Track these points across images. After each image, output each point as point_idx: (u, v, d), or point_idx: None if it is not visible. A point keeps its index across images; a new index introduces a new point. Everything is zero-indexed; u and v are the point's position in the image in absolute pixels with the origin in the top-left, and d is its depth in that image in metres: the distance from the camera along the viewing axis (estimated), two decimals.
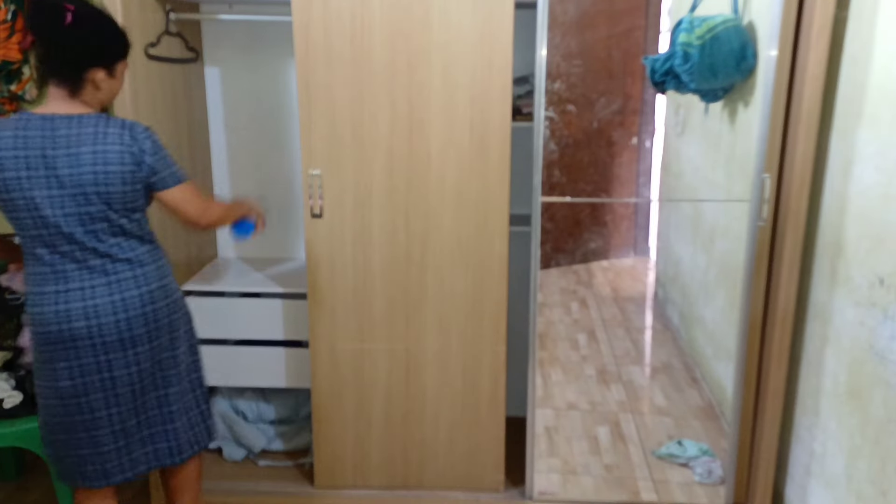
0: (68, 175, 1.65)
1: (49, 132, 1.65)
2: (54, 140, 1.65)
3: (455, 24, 2.12)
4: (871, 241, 1.83)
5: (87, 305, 1.72)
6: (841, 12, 1.97)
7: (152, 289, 1.80)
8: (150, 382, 1.83)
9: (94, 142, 1.66)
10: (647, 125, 3.00)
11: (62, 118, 1.67)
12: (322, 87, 2.17)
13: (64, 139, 1.65)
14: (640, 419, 2.75)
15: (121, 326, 1.75)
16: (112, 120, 1.71)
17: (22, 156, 1.64)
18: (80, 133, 1.66)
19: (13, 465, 2.61)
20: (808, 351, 2.16)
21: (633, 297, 3.30)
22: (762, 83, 2.10)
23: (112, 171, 1.67)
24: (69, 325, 1.71)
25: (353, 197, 2.25)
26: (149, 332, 1.79)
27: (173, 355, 1.87)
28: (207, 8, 2.57)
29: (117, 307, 1.74)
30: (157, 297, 1.80)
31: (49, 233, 1.68)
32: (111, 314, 1.74)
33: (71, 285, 1.72)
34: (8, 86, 2.60)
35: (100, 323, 1.73)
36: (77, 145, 1.65)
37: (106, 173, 1.67)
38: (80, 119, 1.68)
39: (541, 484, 2.43)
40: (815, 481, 2.11)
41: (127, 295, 1.76)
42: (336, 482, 2.47)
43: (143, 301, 1.78)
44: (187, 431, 1.93)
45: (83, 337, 1.72)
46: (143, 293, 1.78)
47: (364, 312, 2.33)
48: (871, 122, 1.84)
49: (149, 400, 1.84)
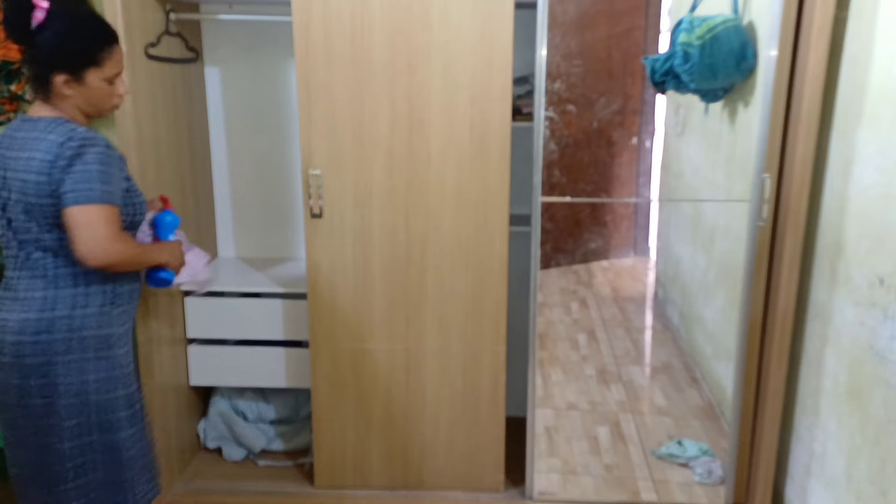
0: (13, 178, 1.58)
1: (22, 133, 1.60)
2: (13, 141, 1.60)
3: (455, 24, 2.12)
4: (871, 241, 1.83)
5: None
6: (841, 12, 1.97)
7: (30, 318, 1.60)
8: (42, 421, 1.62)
9: (30, 147, 1.57)
10: (647, 125, 3.00)
11: (28, 121, 1.61)
12: (322, 87, 2.17)
13: (19, 142, 1.59)
14: (640, 419, 2.75)
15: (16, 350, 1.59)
16: (63, 127, 1.57)
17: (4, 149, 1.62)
18: (26, 137, 1.58)
19: None
20: (808, 351, 2.16)
21: (633, 297, 3.30)
22: (762, 83, 2.10)
23: (30, 179, 1.56)
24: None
25: (353, 197, 2.25)
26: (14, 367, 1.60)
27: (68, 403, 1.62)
28: (207, 8, 2.57)
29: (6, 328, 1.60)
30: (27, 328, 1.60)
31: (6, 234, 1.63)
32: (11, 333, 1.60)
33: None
34: (8, 86, 2.60)
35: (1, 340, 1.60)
36: (20, 149, 1.58)
37: (24, 181, 1.56)
38: (35, 123, 1.60)
39: (541, 484, 2.43)
40: (815, 481, 2.11)
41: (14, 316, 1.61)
42: (336, 482, 2.47)
43: (10, 329, 1.60)
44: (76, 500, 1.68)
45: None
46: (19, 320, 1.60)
47: (364, 312, 2.33)
48: (871, 122, 1.84)
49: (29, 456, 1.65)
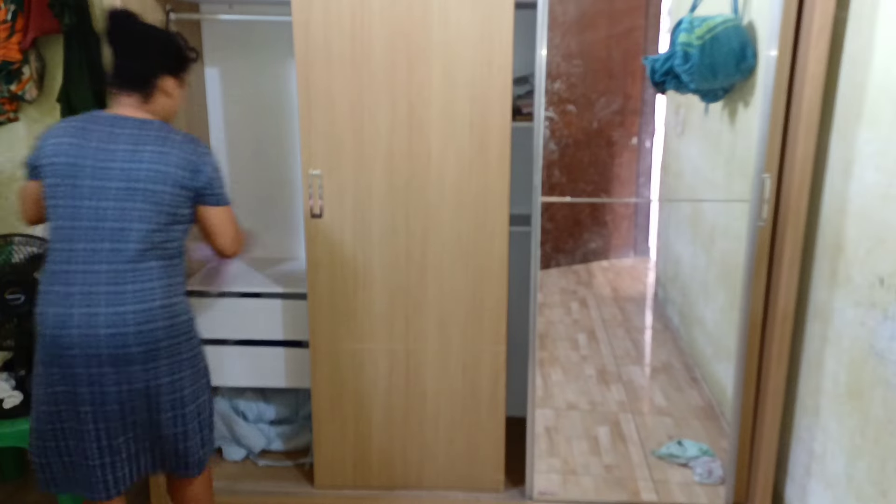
0: (121, 168, 1.69)
1: (111, 127, 1.73)
2: (115, 135, 1.72)
3: (455, 24, 2.12)
4: (871, 241, 1.83)
5: (84, 313, 1.68)
6: (841, 12, 1.97)
7: (154, 307, 1.72)
8: (143, 404, 1.75)
9: (159, 143, 1.73)
10: (647, 125, 3.00)
11: (128, 118, 1.76)
12: (322, 87, 2.17)
13: (127, 136, 1.72)
14: (640, 419, 2.75)
15: (114, 342, 1.68)
16: (180, 132, 1.79)
17: (76, 143, 1.70)
18: (145, 133, 1.74)
19: (13, 465, 2.61)
20: (808, 351, 2.16)
21: (633, 297, 3.30)
22: (762, 83, 2.10)
23: (169, 171, 1.71)
24: (64, 332, 1.67)
25: (353, 197, 2.25)
26: (144, 353, 1.71)
27: (172, 380, 1.78)
28: (207, 8, 2.57)
29: (113, 320, 1.68)
30: (157, 315, 1.73)
31: (81, 225, 1.68)
32: (105, 326, 1.68)
33: (74, 289, 1.68)
34: (8, 86, 2.60)
35: (95, 334, 1.67)
36: (139, 143, 1.72)
37: (162, 173, 1.71)
38: (144, 122, 1.76)
39: (541, 484, 2.43)
40: (815, 481, 2.11)
41: (128, 309, 1.69)
42: (336, 482, 2.47)
43: (139, 319, 1.70)
44: (196, 453, 1.86)
45: (75, 345, 1.67)
46: (143, 310, 1.71)
47: (364, 312, 2.33)
48: (871, 122, 1.84)
49: (162, 416, 1.78)
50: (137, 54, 1.78)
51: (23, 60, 2.58)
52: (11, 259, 2.24)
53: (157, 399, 1.77)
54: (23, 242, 2.26)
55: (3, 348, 2.31)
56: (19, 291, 2.20)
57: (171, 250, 1.77)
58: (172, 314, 1.76)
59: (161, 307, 1.73)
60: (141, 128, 1.75)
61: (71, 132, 1.73)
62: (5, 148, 2.76)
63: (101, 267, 1.69)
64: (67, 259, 1.69)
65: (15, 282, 2.20)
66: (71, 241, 1.69)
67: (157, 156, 1.71)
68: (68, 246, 1.69)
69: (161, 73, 1.80)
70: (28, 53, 2.59)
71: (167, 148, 1.73)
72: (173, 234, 1.76)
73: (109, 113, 1.77)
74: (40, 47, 2.65)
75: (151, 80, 1.78)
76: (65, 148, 1.71)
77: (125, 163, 1.70)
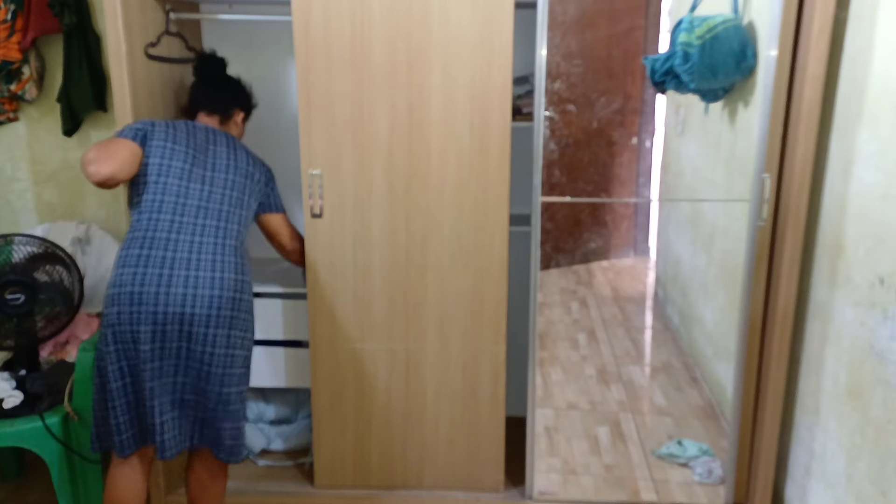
0: (226, 164, 2.06)
1: (211, 134, 2.12)
2: (215, 137, 2.11)
3: (455, 24, 2.12)
4: (871, 241, 1.83)
5: (188, 276, 1.89)
6: (841, 12, 1.97)
7: (245, 280, 1.99)
8: (218, 370, 1.92)
9: (244, 150, 2.15)
10: (647, 125, 3.00)
11: (215, 129, 2.16)
12: (322, 87, 2.17)
13: (223, 139, 2.12)
14: (640, 419, 2.75)
15: (214, 302, 1.90)
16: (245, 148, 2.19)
17: (192, 140, 2.04)
18: (234, 141, 2.15)
19: (13, 465, 2.61)
20: (808, 351, 2.16)
21: (633, 297, 3.30)
22: (762, 83, 2.10)
23: (258, 174, 2.14)
24: (168, 290, 1.87)
25: (353, 197, 2.25)
26: (231, 318, 1.93)
27: (241, 354, 1.98)
28: (207, 8, 2.57)
29: (216, 283, 1.91)
30: (245, 288, 1.99)
31: (191, 203, 1.96)
32: (209, 287, 1.90)
33: (178, 254, 1.90)
34: (8, 86, 2.60)
35: (196, 294, 1.88)
36: (234, 147, 2.12)
37: (253, 174, 2.12)
38: (225, 134, 2.16)
39: (541, 484, 2.44)
40: (815, 481, 2.11)
41: (227, 276, 1.93)
42: (336, 482, 2.47)
43: (237, 287, 1.95)
44: (230, 439, 1.98)
45: (178, 304, 1.86)
46: (239, 280, 1.96)
47: (364, 312, 2.33)
48: (871, 122, 1.84)
49: (211, 388, 1.93)
50: (225, 88, 2.25)
51: (23, 60, 2.58)
52: (11, 259, 2.24)
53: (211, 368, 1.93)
54: (23, 242, 2.26)
55: (3, 348, 2.31)
56: (19, 291, 2.20)
57: (245, 235, 2.08)
58: (251, 291, 2.03)
59: (244, 281, 1.99)
60: (229, 137, 2.15)
61: (179, 127, 2.06)
62: (5, 148, 2.76)
63: (208, 239, 1.95)
64: (171, 228, 1.93)
65: (15, 282, 2.20)
66: (179, 216, 1.95)
67: (247, 158, 2.12)
68: (177, 219, 1.94)
69: (237, 107, 2.25)
70: (28, 53, 2.59)
71: (251, 156, 2.15)
72: (249, 222, 2.11)
73: (201, 123, 2.15)
74: (40, 47, 2.65)
75: (231, 109, 2.23)
76: (180, 138, 2.02)
77: (228, 160, 2.07)
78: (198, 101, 2.21)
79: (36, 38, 2.58)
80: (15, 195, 2.81)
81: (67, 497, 2.21)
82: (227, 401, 1.95)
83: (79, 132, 2.69)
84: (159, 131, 2.01)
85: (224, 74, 2.28)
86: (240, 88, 2.29)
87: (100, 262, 2.63)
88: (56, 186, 2.78)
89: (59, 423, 2.16)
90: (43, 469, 2.60)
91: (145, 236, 1.92)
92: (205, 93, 2.22)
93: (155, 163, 1.96)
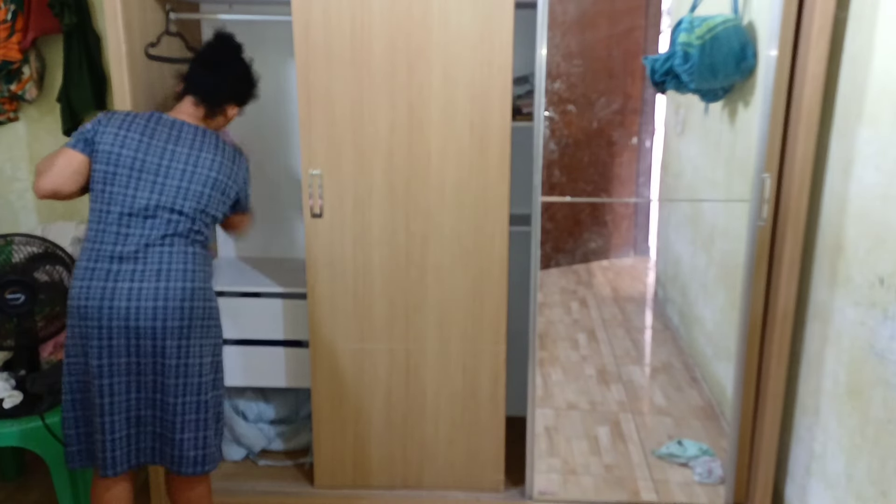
0: (182, 170, 1.89)
1: (176, 131, 1.93)
2: (178, 138, 1.93)
3: (455, 24, 2.12)
4: (871, 241, 1.83)
5: (132, 287, 1.82)
6: (841, 12, 1.97)
7: (195, 287, 1.88)
8: (172, 381, 1.86)
9: (214, 151, 1.95)
10: (647, 125, 3.00)
11: (189, 125, 1.97)
12: (322, 87, 2.17)
13: (188, 141, 1.93)
14: (640, 419, 2.75)
15: (158, 314, 1.82)
16: (222, 140, 2.01)
17: (146, 141, 1.89)
18: (203, 140, 1.95)
19: (13, 465, 2.61)
20: (808, 351, 2.16)
21: (633, 297, 3.30)
22: (762, 83, 2.10)
23: (221, 179, 1.95)
24: (111, 304, 1.81)
25: (353, 197, 2.25)
26: (181, 328, 1.84)
27: (197, 363, 1.89)
28: (207, 8, 2.57)
29: (160, 294, 1.83)
30: (197, 296, 1.88)
31: (137, 213, 1.85)
32: (152, 299, 1.82)
33: (124, 266, 1.83)
34: (8, 86, 2.60)
35: (139, 306, 1.81)
36: (199, 149, 1.93)
37: (216, 180, 1.94)
38: (202, 130, 1.98)
39: (541, 484, 2.44)
40: (815, 481, 2.11)
41: (172, 285, 1.84)
42: (336, 482, 2.47)
43: (185, 296, 1.86)
44: (192, 449, 1.90)
45: (121, 318, 1.81)
46: (187, 288, 1.86)
47: (364, 312, 2.33)
48: (871, 122, 1.84)
49: (167, 399, 1.87)
50: (225, 79, 2.01)
51: (23, 60, 2.58)
52: (11, 259, 2.24)
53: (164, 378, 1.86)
54: (23, 242, 2.26)
55: (3, 348, 2.31)
56: (19, 291, 2.20)
57: (207, 241, 1.97)
58: (207, 297, 1.93)
59: (201, 288, 1.90)
60: (200, 136, 1.96)
61: (136, 127, 1.90)
62: (5, 148, 2.76)
63: (154, 249, 1.86)
64: (116, 241, 1.85)
65: (15, 282, 2.19)
66: (125, 227, 1.85)
67: (210, 163, 1.93)
68: (123, 230, 1.85)
69: (233, 101, 2.05)
70: (28, 53, 2.59)
71: (221, 157, 1.96)
72: (211, 229, 1.99)
73: (171, 116, 1.96)
74: (40, 47, 2.65)
75: (223, 104, 2.03)
76: (130, 141, 1.87)
77: (186, 165, 1.90)
78: (190, 86, 2.01)
79: (36, 38, 2.58)
80: (15, 195, 2.81)
81: (67, 497, 2.20)
82: (185, 411, 1.87)
83: None
84: (109, 132, 1.87)
85: (230, 64, 2.04)
86: (244, 81, 2.07)
87: None
88: None
89: (59, 423, 2.16)
90: (43, 469, 2.60)
91: (93, 248, 1.86)
92: (201, 80, 2.00)
93: (100, 170, 1.86)
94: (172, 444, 1.89)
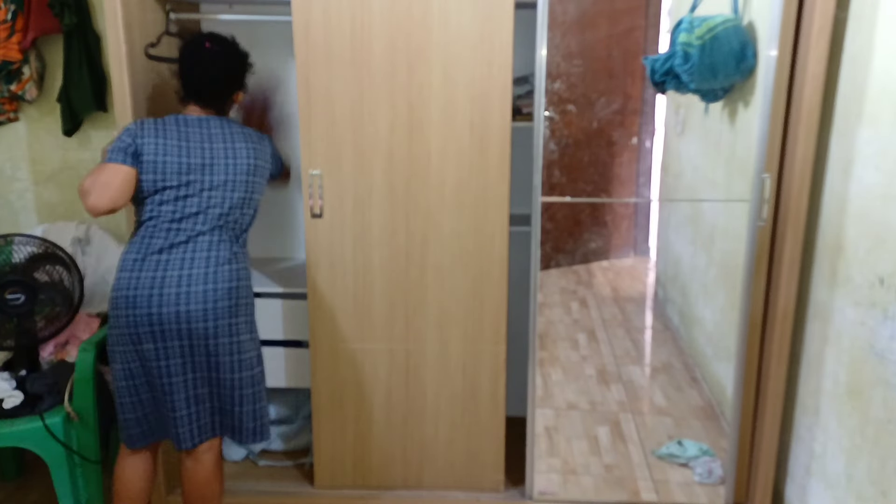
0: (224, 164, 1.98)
1: (206, 129, 2.01)
2: (210, 135, 2.00)
3: (455, 24, 2.12)
4: (871, 241, 1.83)
5: (181, 275, 1.92)
6: (841, 12, 1.97)
7: (240, 268, 2.01)
8: (227, 358, 1.96)
9: (244, 139, 2.04)
10: (647, 125, 3.00)
11: (213, 119, 2.04)
12: (322, 87, 2.17)
13: (219, 135, 2.01)
14: (640, 419, 2.75)
15: (209, 296, 1.92)
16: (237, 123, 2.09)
17: (184, 145, 1.96)
18: (231, 131, 2.03)
19: (13, 465, 2.61)
20: (808, 351, 2.16)
21: (633, 297, 3.30)
22: (762, 83, 2.10)
23: (259, 164, 2.06)
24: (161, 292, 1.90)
25: (353, 197, 2.25)
26: (230, 307, 1.95)
27: (248, 338, 2.02)
28: (207, 8, 2.57)
29: (209, 277, 1.93)
30: (242, 275, 2.01)
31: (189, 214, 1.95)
32: (202, 283, 1.92)
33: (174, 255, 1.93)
34: (8, 86, 2.60)
35: (189, 290, 1.91)
36: (232, 140, 2.02)
37: (256, 166, 2.04)
38: (225, 121, 2.05)
39: (541, 484, 2.44)
40: (815, 481, 2.11)
41: (221, 269, 1.96)
42: (336, 482, 2.47)
43: (233, 276, 1.97)
44: (251, 421, 2.03)
45: (172, 304, 1.90)
46: (233, 269, 1.98)
47: (364, 312, 2.33)
48: (871, 122, 1.84)
49: (223, 376, 1.97)
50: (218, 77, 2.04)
51: (23, 60, 2.58)
52: (11, 259, 2.24)
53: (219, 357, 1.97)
54: (23, 242, 2.26)
55: (4, 348, 2.31)
56: (19, 291, 2.20)
57: (249, 226, 2.09)
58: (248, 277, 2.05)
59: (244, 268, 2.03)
60: (227, 127, 2.04)
61: (171, 133, 1.97)
62: (5, 148, 2.76)
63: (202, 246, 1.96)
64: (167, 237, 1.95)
65: (15, 282, 2.19)
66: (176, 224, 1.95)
67: (246, 151, 2.03)
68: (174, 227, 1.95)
69: (235, 89, 2.10)
70: (28, 53, 2.59)
71: (254, 144, 2.06)
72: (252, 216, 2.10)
73: (192, 116, 2.03)
74: (40, 47, 2.65)
75: (227, 98, 2.09)
76: (170, 148, 1.95)
77: (225, 158, 1.99)
78: (191, 95, 2.05)
79: (36, 38, 2.58)
80: (15, 195, 2.81)
81: (67, 497, 2.20)
82: (242, 385, 1.99)
83: (79, 132, 2.69)
84: (149, 143, 1.93)
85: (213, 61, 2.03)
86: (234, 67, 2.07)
87: (100, 262, 2.63)
88: (56, 186, 2.78)
89: (59, 423, 2.16)
90: (43, 469, 2.59)
91: (142, 242, 1.96)
92: (196, 87, 2.04)
93: (149, 179, 1.94)
94: (232, 417, 2.01)
